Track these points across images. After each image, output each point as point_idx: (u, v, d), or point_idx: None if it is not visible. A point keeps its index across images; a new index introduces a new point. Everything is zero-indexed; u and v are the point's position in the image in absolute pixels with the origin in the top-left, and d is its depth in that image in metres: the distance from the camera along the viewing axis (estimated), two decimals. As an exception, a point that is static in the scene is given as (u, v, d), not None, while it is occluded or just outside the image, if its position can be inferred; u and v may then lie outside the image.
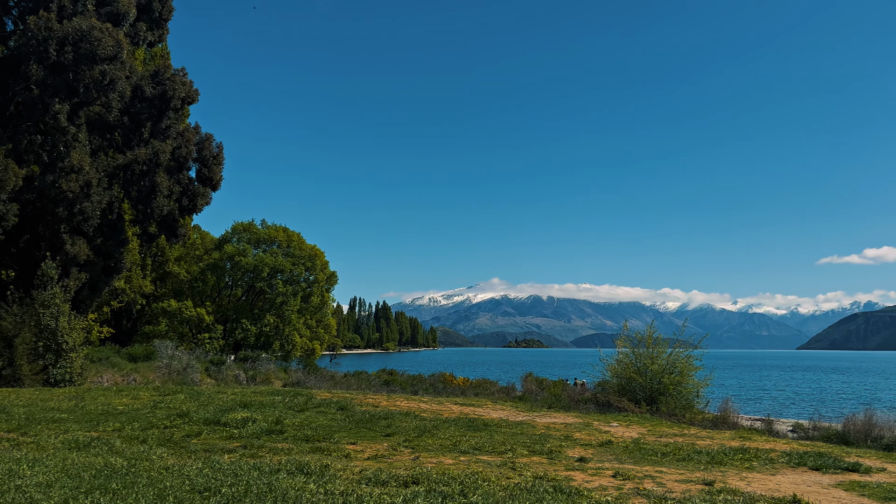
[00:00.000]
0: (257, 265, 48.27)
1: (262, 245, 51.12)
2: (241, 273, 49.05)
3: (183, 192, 33.69)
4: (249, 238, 50.73)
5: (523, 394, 30.10)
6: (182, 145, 32.84)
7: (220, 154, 35.50)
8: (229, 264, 49.05)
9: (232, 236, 51.04)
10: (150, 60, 37.12)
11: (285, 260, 49.89)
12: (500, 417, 18.33)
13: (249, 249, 49.40)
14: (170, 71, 31.82)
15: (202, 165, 34.88)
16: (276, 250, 50.68)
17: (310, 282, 52.61)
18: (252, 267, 48.31)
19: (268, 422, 14.36)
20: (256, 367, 35.76)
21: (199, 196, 34.44)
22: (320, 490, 8.14)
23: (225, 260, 48.73)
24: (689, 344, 27.65)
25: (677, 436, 16.12)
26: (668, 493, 8.96)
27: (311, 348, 52.43)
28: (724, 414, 23.40)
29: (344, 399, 20.28)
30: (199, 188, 34.56)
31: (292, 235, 52.36)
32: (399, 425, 15.15)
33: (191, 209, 34.80)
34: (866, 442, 18.12)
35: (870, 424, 18.93)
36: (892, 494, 9.53)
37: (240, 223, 52.06)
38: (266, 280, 48.97)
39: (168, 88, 30.95)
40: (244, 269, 48.44)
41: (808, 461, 12.27)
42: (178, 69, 32.70)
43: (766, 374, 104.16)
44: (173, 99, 31.17)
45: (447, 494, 8.14)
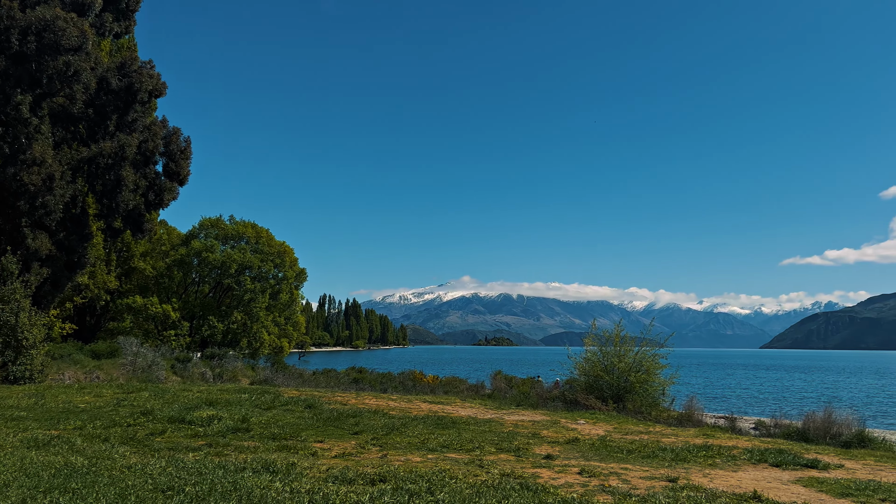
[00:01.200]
0: (225, 261, 47.69)
1: (231, 241, 50.51)
2: (209, 269, 48.42)
3: (149, 187, 33.15)
4: (217, 234, 50.09)
5: (492, 392, 30.22)
6: (149, 139, 32.29)
7: (188, 148, 34.99)
8: (196, 260, 48.38)
9: (199, 232, 50.35)
10: (117, 52, 36.43)
11: (254, 256, 49.37)
12: (469, 415, 18.37)
13: (217, 245, 48.80)
14: (137, 63, 31.26)
15: (169, 160, 34.34)
16: (245, 246, 50.12)
17: (278, 279, 52.14)
18: (220, 263, 47.71)
19: (234, 420, 14.21)
20: (223, 365, 35.33)
21: (166, 191, 33.91)
22: (286, 488, 8.09)
23: (192, 256, 48.06)
24: (656, 343, 28.01)
25: (643, 433, 16.33)
26: (633, 490, 9.08)
27: (280, 346, 51.98)
28: (689, 412, 23.76)
29: (312, 397, 20.15)
30: (166, 183, 34.04)
31: (261, 232, 51.83)
32: (367, 423, 15.10)
33: (157, 204, 34.25)
34: (825, 439, 18.53)
35: (829, 422, 19.35)
36: (849, 490, 9.77)
37: (207, 219, 51.38)
38: (234, 276, 48.40)
39: (135, 81, 30.41)
40: (212, 265, 47.83)
41: (769, 458, 12.53)
42: (145, 61, 32.15)
43: (730, 372, 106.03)
44: (140, 92, 30.63)
45: (414, 492, 8.14)
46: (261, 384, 28.88)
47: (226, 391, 20.80)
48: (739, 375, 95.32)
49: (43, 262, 28.86)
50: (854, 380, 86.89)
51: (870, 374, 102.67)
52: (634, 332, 29.67)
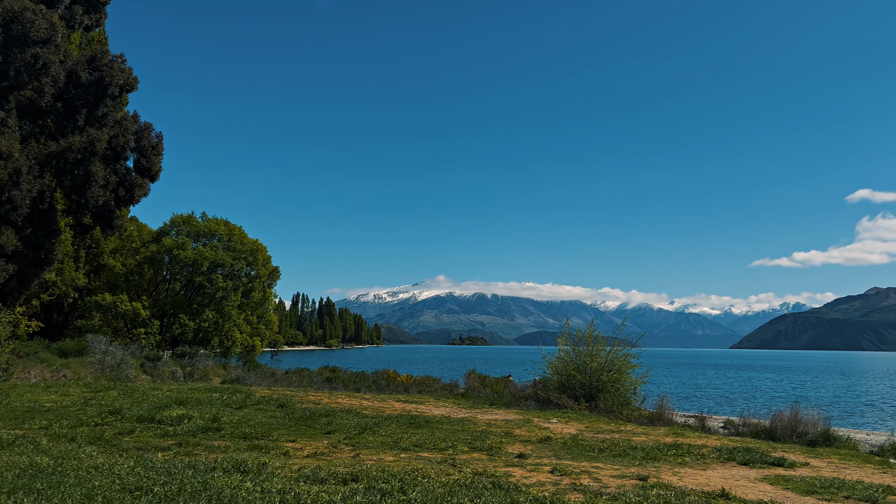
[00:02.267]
0: (197, 259, 47.11)
1: (202, 238, 49.88)
2: (180, 267, 47.78)
3: (120, 183, 32.62)
4: (189, 231, 49.45)
5: (466, 391, 30.26)
6: (119, 134, 31.77)
7: (160, 144, 34.51)
8: (167, 258, 47.71)
9: (171, 229, 49.65)
10: (87, 45, 35.80)
11: (226, 254, 48.83)
12: (443, 414, 18.39)
13: (189, 243, 48.19)
14: (107, 57, 30.73)
15: (140, 155, 33.82)
16: (217, 244, 49.54)
17: (251, 277, 51.62)
18: (191, 261, 47.11)
19: (204, 419, 14.06)
20: (194, 364, 34.91)
21: (137, 187, 33.40)
22: (257, 488, 8.02)
23: (163, 253, 47.38)
24: (628, 342, 28.23)
25: (614, 432, 16.48)
26: (604, 489, 9.17)
27: (252, 345, 51.47)
28: (660, 411, 24.00)
29: (284, 396, 20.01)
30: (137, 179, 33.52)
31: (234, 229, 51.28)
32: (340, 423, 15.04)
33: (128, 200, 33.72)
34: (792, 438, 18.86)
35: (795, 421, 19.70)
36: (814, 488, 9.97)
37: (179, 215, 50.69)
38: (206, 274, 47.83)
39: (105, 75, 29.90)
40: (183, 262, 47.21)
41: (738, 456, 12.73)
42: (116, 55, 31.62)
43: (700, 372, 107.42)
44: (111, 86, 30.12)
45: (386, 492, 8.13)
46: (232, 383, 28.61)
47: (196, 390, 20.58)
48: (710, 375, 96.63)
49: (9, 258, 28.25)
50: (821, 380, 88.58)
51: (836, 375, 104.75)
52: (607, 331, 29.80)
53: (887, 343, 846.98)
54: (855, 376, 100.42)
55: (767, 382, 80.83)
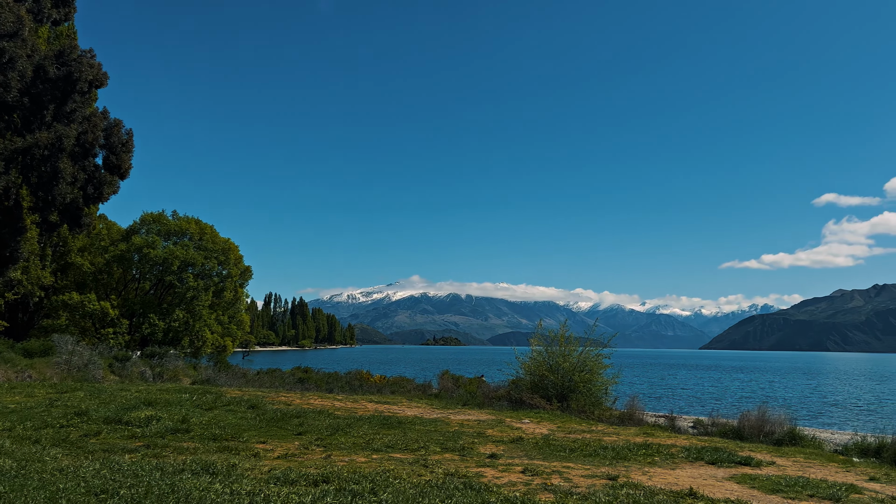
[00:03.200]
0: (167, 258, 46.46)
1: (173, 237, 49.21)
2: (150, 266, 47.07)
3: (88, 180, 32.07)
4: (159, 229, 48.74)
5: (439, 391, 30.27)
6: (88, 130, 31.23)
7: (130, 141, 33.99)
8: (137, 256, 46.96)
9: (140, 227, 48.90)
10: (55, 39, 35.11)
11: (197, 253, 48.23)
12: (415, 415, 18.37)
13: (159, 241, 47.49)
14: (76, 51, 30.19)
15: (110, 152, 33.29)
16: (188, 243, 48.90)
17: (222, 276, 51.04)
18: (161, 259, 46.44)
19: (173, 420, 13.88)
20: (164, 364, 34.43)
21: (106, 184, 32.86)
22: (226, 490, 7.94)
23: (132, 252, 46.64)
24: (600, 343, 28.44)
25: (585, 432, 16.61)
26: (574, 488, 9.24)
27: (223, 345, 50.90)
28: (631, 411, 24.23)
29: (255, 397, 19.84)
30: (106, 176, 32.98)
31: (205, 228, 50.67)
32: (311, 424, 14.94)
33: (96, 198, 33.16)
34: (759, 437, 19.17)
35: (762, 420, 20.02)
36: (779, 486, 10.15)
37: (149, 214, 49.93)
38: (176, 273, 47.20)
39: (74, 70, 29.37)
40: (153, 261, 46.51)
41: (706, 456, 12.92)
42: (85, 50, 31.08)
43: (671, 372, 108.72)
44: (79, 81, 29.60)
45: (357, 493, 8.10)
46: (203, 384, 28.28)
47: (166, 391, 20.31)
48: (680, 375, 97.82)
49: (-28, 256, 27.61)
50: (788, 380, 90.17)
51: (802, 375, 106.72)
52: (579, 332, 30.05)
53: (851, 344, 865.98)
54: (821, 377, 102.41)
55: (736, 383, 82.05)
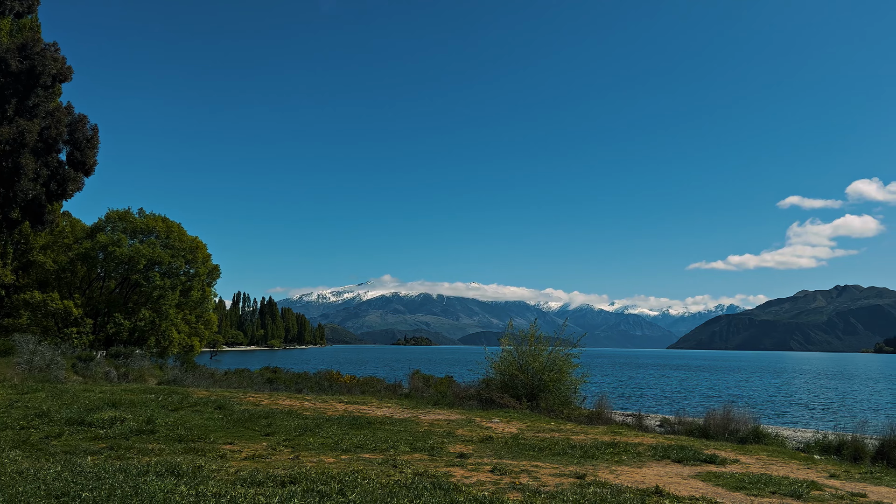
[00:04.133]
0: (133, 256, 45.67)
1: (139, 235, 48.39)
2: (115, 264, 46.23)
3: (51, 176, 31.41)
4: (125, 227, 47.88)
5: (410, 391, 30.23)
6: (52, 125, 30.60)
7: (95, 137, 33.38)
8: (102, 254, 46.09)
9: (106, 225, 48.00)
10: (18, 32, 34.29)
11: (164, 251, 47.50)
12: (385, 415, 18.32)
13: (125, 239, 46.66)
14: (40, 45, 29.55)
15: (74, 148, 32.65)
16: (155, 241, 48.13)
17: (190, 275, 50.33)
18: (127, 258, 45.65)
19: (138, 421, 13.64)
20: (129, 364, 33.86)
21: (70, 181, 32.22)
22: (191, 492, 7.83)
23: (97, 250, 45.76)
24: (569, 342, 28.70)
25: (554, 431, 16.72)
26: (542, 487, 9.29)
27: (190, 345, 50.20)
28: (599, 410, 24.47)
29: (223, 397, 19.60)
30: (70, 172, 32.34)
31: (172, 226, 49.92)
32: (280, 424, 14.81)
33: (60, 194, 32.50)
34: (724, 435, 19.52)
35: (727, 419, 20.39)
36: (743, 483, 10.33)
37: (115, 211, 49.05)
38: (142, 272, 46.43)
39: (37, 63, 28.74)
40: (118, 259, 45.69)
41: (672, 454, 13.09)
42: (49, 43, 30.44)
43: (640, 371, 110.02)
44: (43, 75, 28.98)
45: (325, 493, 8.05)
46: (169, 384, 27.87)
47: (131, 391, 19.96)
48: (649, 375, 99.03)
49: (-71, 253, 26.86)
50: (753, 379, 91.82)
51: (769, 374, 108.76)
52: (549, 332, 30.26)
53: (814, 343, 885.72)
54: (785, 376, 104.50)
55: (703, 382, 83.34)
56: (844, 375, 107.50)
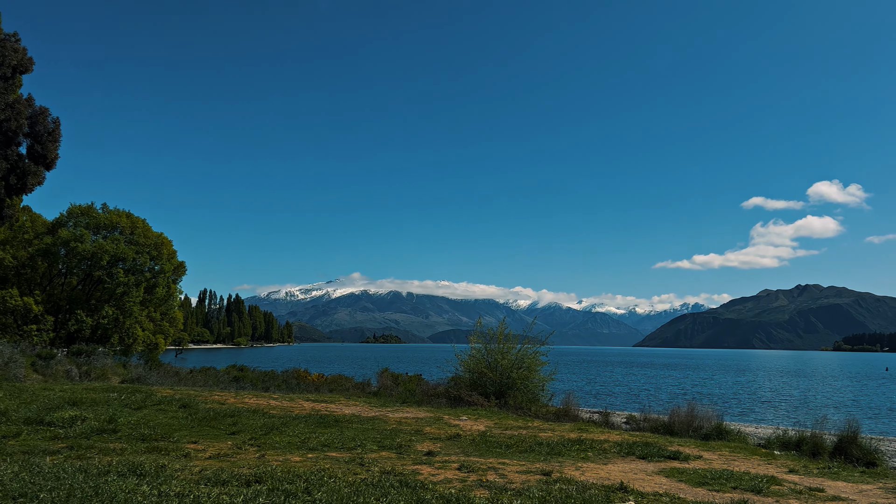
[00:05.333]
0: (96, 252, 44.79)
1: (103, 231, 47.48)
2: (78, 260, 45.29)
3: (11, 170, 30.65)
4: (88, 223, 46.95)
5: (378, 389, 30.13)
6: (11, 118, 29.85)
7: (57, 130, 32.66)
8: (64, 250, 45.14)
9: (68, 220, 47.01)
10: (-24, 21, 33.38)
11: (128, 247, 46.66)
12: (353, 413, 18.26)
13: (88, 235, 45.74)
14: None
15: (35, 141, 31.90)
16: (118, 237, 47.27)
17: (155, 272, 49.53)
18: (90, 254, 44.75)
19: (100, 420, 13.38)
20: (91, 362, 33.17)
21: (31, 175, 31.49)
22: (154, 492, 7.70)
23: (59, 245, 44.80)
24: (538, 340, 28.92)
25: (522, 428, 16.83)
26: (509, 484, 9.34)
27: (155, 342, 49.43)
28: (567, 407, 24.67)
29: (188, 396, 19.34)
30: (31, 166, 31.60)
31: (136, 222, 49.08)
32: (246, 423, 14.66)
33: (20, 189, 31.74)
34: (688, 432, 19.82)
35: (692, 416, 20.71)
36: (705, 479, 10.52)
37: (77, 206, 48.06)
38: (105, 268, 45.56)
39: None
40: (81, 255, 44.77)
41: (637, 451, 13.27)
42: (9, 34, 29.68)
43: (608, 369, 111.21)
44: (2, 66, 28.25)
45: (291, 492, 7.98)
46: (132, 383, 27.40)
47: (92, 390, 19.58)
48: (616, 373, 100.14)
49: None
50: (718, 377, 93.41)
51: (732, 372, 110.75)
52: (518, 329, 30.43)
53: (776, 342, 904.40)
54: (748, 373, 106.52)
55: (669, 380, 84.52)
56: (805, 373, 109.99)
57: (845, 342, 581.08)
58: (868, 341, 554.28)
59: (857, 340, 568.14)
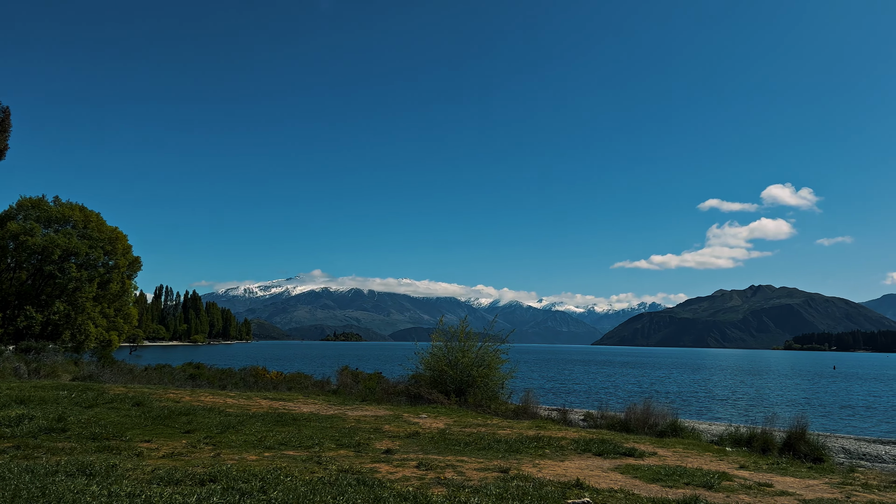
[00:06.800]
0: (47, 246, 43.55)
1: (54, 224, 46.20)
2: (27, 254, 43.99)
3: (-44, 160, 29.58)
4: (39, 216, 45.62)
5: (338, 387, 29.92)
6: (-43, 106, 28.81)
7: (7, 120, 31.66)
8: (12, 244, 43.81)
9: (17, 213, 45.61)
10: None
11: (81, 242, 45.48)
12: (312, 412, 18.11)
13: (38, 228, 44.45)
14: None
15: (-18, 131, 30.85)
16: (71, 231, 46.04)
17: (109, 267, 48.38)
18: (40, 248, 43.50)
19: (48, 419, 13.02)
20: (41, 360, 32.29)
21: (-22, 165, 30.42)
22: (103, 492, 7.52)
23: (7, 239, 43.45)
24: (498, 338, 29.06)
25: (481, 426, 16.90)
26: (467, 482, 9.37)
27: (108, 339, 48.30)
28: (525, 405, 24.87)
29: (141, 394, 18.95)
30: (-22, 156, 30.54)
31: (90, 216, 47.87)
32: (201, 421, 14.43)
33: (-34, 180, 30.66)
34: (644, 429, 20.16)
35: (647, 413, 21.07)
36: (659, 475, 10.71)
37: (28, 199, 46.67)
38: (57, 263, 44.33)
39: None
40: (31, 249, 43.50)
41: (593, 447, 13.45)
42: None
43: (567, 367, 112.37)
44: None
45: (246, 491, 7.88)
46: (84, 380, 26.72)
47: (41, 388, 19.05)
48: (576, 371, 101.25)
49: None
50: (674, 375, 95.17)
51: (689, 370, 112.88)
52: (479, 328, 30.52)
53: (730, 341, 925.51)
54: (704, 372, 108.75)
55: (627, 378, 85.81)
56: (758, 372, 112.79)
57: (795, 341, 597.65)
58: (817, 340, 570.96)
59: (807, 340, 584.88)
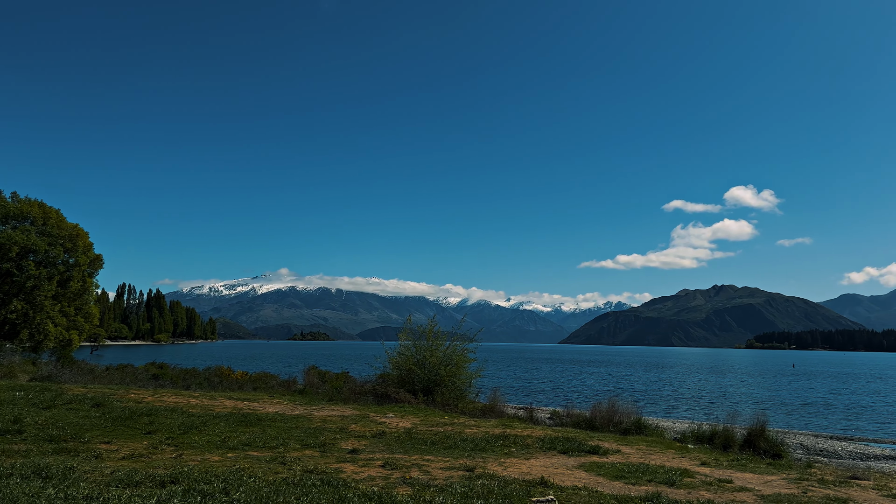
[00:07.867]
0: (4, 243, 42.40)
1: (12, 221, 45.00)
2: (-16, 252, 42.81)
3: None
4: (-5, 212, 44.45)
5: (304, 387, 29.69)
6: None
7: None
8: (-32, 241, 42.57)
9: (-27, 209, 44.36)
10: None
11: (39, 239, 44.38)
12: (277, 412, 17.94)
13: (-5, 225, 43.31)
14: None
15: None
16: (29, 227, 44.90)
17: (69, 265, 47.30)
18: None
19: (3, 421, 12.70)
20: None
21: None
22: (60, 495, 7.35)
23: (-38, 236, 42.23)
24: (466, 337, 29.12)
25: (447, 425, 16.91)
26: (433, 481, 9.36)
27: (68, 339, 47.23)
28: (493, 403, 24.97)
29: (102, 394, 18.58)
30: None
31: (49, 212, 46.75)
32: (163, 422, 14.19)
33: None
34: (609, 427, 20.39)
35: (612, 411, 21.32)
36: (622, 473, 10.84)
37: (-16, 195, 45.42)
38: (14, 261, 43.19)
39: None
40: (-13, 247, 42.34)
41: (558, 446, 13.55)
42: None
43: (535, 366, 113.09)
44: None
45: (207, 493, 7.77)
46: (42, 381, 26.08)
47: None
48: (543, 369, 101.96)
49: None
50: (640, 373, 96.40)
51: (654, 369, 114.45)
52: (448, 326, 30.54)
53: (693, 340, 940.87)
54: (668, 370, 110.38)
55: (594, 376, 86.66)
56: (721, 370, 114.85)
57: (757, 340, 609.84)
58: (777, 339, 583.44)
59: (768, 338, 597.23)
